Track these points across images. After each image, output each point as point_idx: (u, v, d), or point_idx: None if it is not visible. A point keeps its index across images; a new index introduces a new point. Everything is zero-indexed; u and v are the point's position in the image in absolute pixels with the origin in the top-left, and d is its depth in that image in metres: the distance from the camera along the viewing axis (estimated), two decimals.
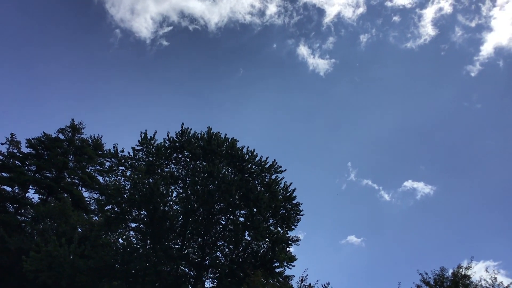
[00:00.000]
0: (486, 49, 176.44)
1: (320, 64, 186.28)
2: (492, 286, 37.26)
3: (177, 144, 48.95)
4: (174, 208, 48.45)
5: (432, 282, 38.68)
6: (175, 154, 49.40)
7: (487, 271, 39.18)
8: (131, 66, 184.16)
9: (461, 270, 38.34)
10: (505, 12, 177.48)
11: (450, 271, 38.98)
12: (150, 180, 44.90)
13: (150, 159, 48.46)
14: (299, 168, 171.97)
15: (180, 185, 48.98)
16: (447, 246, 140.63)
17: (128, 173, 47.67)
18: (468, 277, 38.11)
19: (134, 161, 48.38)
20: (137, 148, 48.52)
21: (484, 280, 37.93)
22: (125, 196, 45.18)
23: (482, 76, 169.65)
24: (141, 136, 48.50)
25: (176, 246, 47.41)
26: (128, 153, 48.44)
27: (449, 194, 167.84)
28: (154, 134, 48.98)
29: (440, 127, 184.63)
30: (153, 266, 43.37)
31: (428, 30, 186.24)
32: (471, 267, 38.58)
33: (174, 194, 48.58)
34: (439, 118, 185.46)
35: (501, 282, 37.40)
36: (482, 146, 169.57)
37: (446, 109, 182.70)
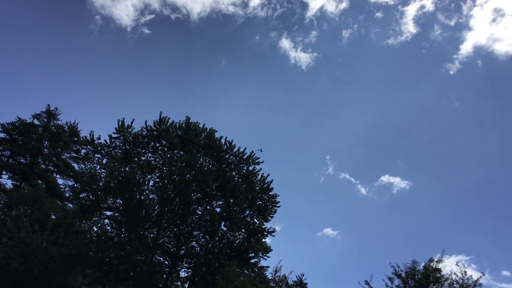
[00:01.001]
0: (466, 48, 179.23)
1: (302, 57, 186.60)
2: (462, 280, 38.09)
3: (154, 132, 48.55)
4: (150, 197, 48.24)
5: (403, 275, 39.26)
6: (152, 143, 48.98)
7: (457, 265, 40.01)
8: (111, 53, 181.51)
9: (432, 264, 38.99)
10: (485, 11, 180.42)
11: (422, 264, 39.68)
12: (127, 169, 44.48)
13: (127, 147, 48.00)
14: (278, 160, 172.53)
15: (157, 174, 48.66)
16: (421, 240, 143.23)
17: (104, 161, 47.21)
18: (439, 270, 38.80)
19: (110, 149, 47.88)
20: (114, 135, 48.02)
21: (455, 274, 38.69)
22: (101, 184, 44.75)
23: (461, 74, 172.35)
24: (118, 124, 47.98)
25: (152, 235, 47.23)
26: (105, 140, 48.00)
27: (425, 189, 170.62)
28: (132, 122, 48.60)
29: (418, 123, 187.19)
30: (128, 255, 43.14)
31: (409, 27, 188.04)
32: (442, 261, 39.27)
33: (151, 183, 48.42)
34: (418, 115, 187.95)
35: (471, 276, 38.26)
36: (458, 144, 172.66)
37: (424, 106, 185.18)
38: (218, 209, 49.11)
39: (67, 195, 67.68)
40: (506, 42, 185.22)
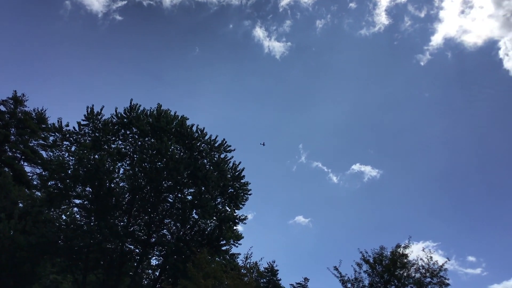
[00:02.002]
0: (436, 40, 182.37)
1: (276, 47, 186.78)
2: (428, 265, 39.18)
3: (125, 120, 47.87)
4: (120, 185, 47.79)
5: (371, 260, 40.14)
6: (122, 130, 48.31)
7: (424, 251, 41.10)
8: (81, 40, 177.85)
9: (399, 250, 39.96)
10: (454, 3, 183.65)
11: (390, 250, 40.58)
12: (96, 156, 43.85)
13: (96, 134, 47.26)
14: (251, 149, 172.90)
15: (127, 162, 48.13)
16: (391, 227, 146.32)
17: (73, 148, 46.40)
18: (406, 256, 39.80)
19: (79, 136, 47.08)
20: (82, 123, 47.20)
21: (421, 259, 39.83)
22: (69, 172, 44.03)
23: (431, 65, 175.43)
24: (87, 111, 47.17)
25: (122, 224, 46.87)
26: (73, 128, 47.15)
27: (395, 178, 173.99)
28: (101, 109, 47.81)
29: (389, 113, 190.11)
30: (98, 243, 42.79)
31: (382, 18, 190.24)
32: (409, 246, 40.28)
33: (121, 171, 47.95)
34: (389, 105, 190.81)
35: (436, 261, 39.40)
36: (428, 133, 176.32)
37: (396, 97, 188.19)
38: (189, 197, 49.04)
39: (34, 183, 66.23)
40: (474, 33, 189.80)
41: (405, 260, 39.57)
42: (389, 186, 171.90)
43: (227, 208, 50.10)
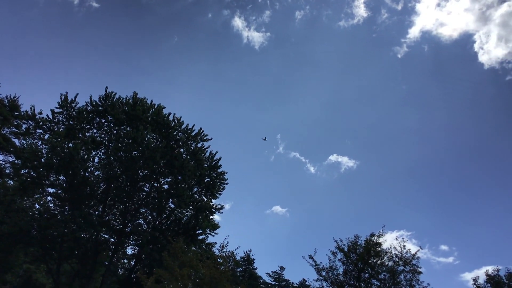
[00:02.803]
0: (413, 32, 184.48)
1: (255, 37, 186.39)
2: (401, 253, 39.96)
3: (100, 108, 47.22)
4: (95, 174, 47.21)
5: (346, 249, 40.72)
6: (97, 119, 47.67)
7: (397, 239, 41.88)
8: (56, 27, 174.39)
9: (373, 238, 40.62)
10: None
11: (364, 239, 41.23)
12: (70, 144, 43.23)
13: (71, 122, 46.49)
14: (229, 138, 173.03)
15: (103, 151, 47.53)
16: (367, 216, 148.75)
17: (46, 137, 45.59)
18: (379, 244, 40.50)
19: (53, 124, 46.23)
20: (56, 110, 46.36)
21: (394, 248, 40.61)
22: (43, 160, 43.23)
23: (408, 58, 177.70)
24: (61, 98, 46.32)
25: (97, 213, 46.30)
26: (47, 115, 46.31)
27: (371, 168, 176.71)
28: (75, 97, 47.00)
29: (366, 105, 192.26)
30: (72, 233, 42.27)
31: (361, 11, 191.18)
32: (382, 235, 41.00)
33: (96, 159, 47.35)
34: (366, 97, 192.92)
35: (409, 249, 40.21)
36: (404, 125, 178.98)
37: (373, 88, 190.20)
38: (165, 186, 48.82)
39: (7, 171, 64.87)
40: (450, 27, 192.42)
41: (379, 249, 40.26)
42: (365, 177, 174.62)
43: (204, 198, 50.09)
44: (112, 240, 48.06)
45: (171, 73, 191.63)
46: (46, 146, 43.96)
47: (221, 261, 37.15)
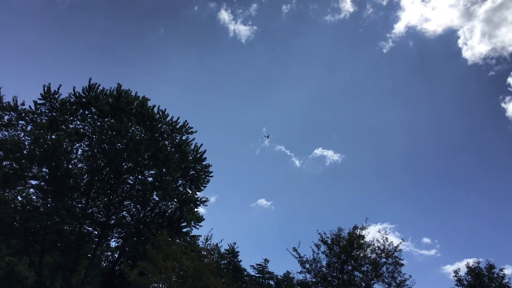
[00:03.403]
0: (399, 28, 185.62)
1: (242, 30, 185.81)
2: (383, 245, 40.55)
3: (83, 99, 46.68)
4: (78, 166, 46.84)
5: (329, 242, 41.16)
6: (81, 110, 47.14)
7: (379, 232, 42.47)
8: (40, 17, 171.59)
9: (356, 231, 41.11)
10: None
11: (347, 231, 41.71)
12: (53, 136, 42.76)
13: (54, 114, 45.91)
14: (214, 131, 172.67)
15: (86, 143, 47.08)
16: (351, 209, 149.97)
17: (29, 128, 44.91)
18: (362, 237, 41.06)
19: (35, 115, 45.50)
20: (39, 102, 45.63)
21: (377, 240, 41.22)
22: (25, 152, 42.70)
23: (393, 53, 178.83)
24: (44, 90, 45.61)
25: (80, 205, 46.00)
26: (30, 107, 45.51)
27: (356, 162, 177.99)
28: (59, 88, 46.29)
29: (352, 99, 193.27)
30: (55, 225, 41.99)
31: (347, 6, 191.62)
32: (365, 228, 41.54)
33: (79, 151, 46.91)
34: (352, 91, 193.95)
35: (392, 242, 40.86)
36: (389, 119, 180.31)
37: (359, 83, 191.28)
38: (150, 179, 48.61)
39: None
40: (434, 22, 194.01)
41: (362, 241, 40.81)
42: (350, 170, 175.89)
43: (188, 190, 50.08)
44: (96, 232, 47.82)
45: (157, 65, 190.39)
46: (29, 138, 43.41)
47: (205, 253, 37.26)
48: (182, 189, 49.59)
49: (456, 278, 44.37)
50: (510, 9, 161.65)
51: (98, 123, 46.90)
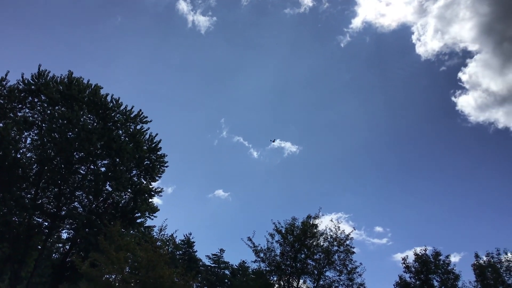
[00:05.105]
0: (356, 23, 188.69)
1: (201, 21, 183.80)
2: (336, 234, 41.58)
3: (32, 87, 45.05)
4: (27, 155, 45.27)
5: (283, 231, 41.79)
6: (30, 98, 45.46)
7: (332, 221, 43.50)
8: None
9: (310, 220, 41.95)
10: None
11: (301, 221, 42.48)
12: (0, 124, 41.22)
13: (1, 101, 44.08)
14: (171, 121, 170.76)
15: (35, 131, 45.54)
16: (308, 199, 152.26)
17: None
18: (316, 226, 41.95)
19: None
20: None
21: (329, 229, 42.21)
22: None
23: (350, 47, 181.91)
24: None
25: (29, 196, 44.60)
26: None
27: (313, 153, 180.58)
28: (6, 75, 44.57)
29: (310, 91, 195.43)
30: (2, 216, 40.56)
31: (306, 0, 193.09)
32: (318, 217, 42.44)
33: (28, 140, 45.34)
34: (310, 84, 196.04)
35: (343, 231, 41.95)
36: (345, 112, 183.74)
37: (317, 75, 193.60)
38: (103, 169, 47.62)
39: None
40: (389, 17, 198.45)
41: (315, 230, 41.72)
42: (307, 162, 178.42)
43: (143, 180, 49.40)
44: (46, 224, 46.54)
45: (113, 54, 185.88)
46: None
47: (160, 244, 37.09)
48: (136, 179, 48.86)
49: (404, 265, 46.00)
50: (462, 5, 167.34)
51: (48, 111, 45.45)
